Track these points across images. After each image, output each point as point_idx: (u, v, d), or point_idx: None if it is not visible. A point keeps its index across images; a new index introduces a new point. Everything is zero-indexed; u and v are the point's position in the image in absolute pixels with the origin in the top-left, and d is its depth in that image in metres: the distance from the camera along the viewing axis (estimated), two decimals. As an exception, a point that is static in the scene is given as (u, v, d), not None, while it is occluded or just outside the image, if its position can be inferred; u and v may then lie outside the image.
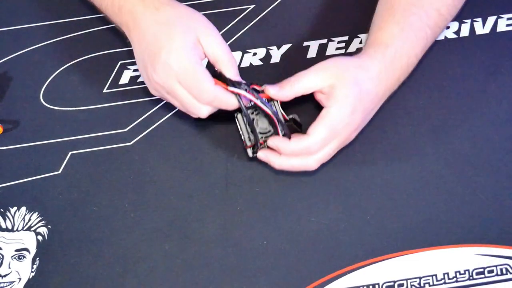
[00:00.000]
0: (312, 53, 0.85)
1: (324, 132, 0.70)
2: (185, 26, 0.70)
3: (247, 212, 0.75)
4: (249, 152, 0.75)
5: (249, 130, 0.74)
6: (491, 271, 0.70)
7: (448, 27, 0.85)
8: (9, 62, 0.87)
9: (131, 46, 0.75)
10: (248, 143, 0.75)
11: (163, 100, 0.81)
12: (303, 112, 0.75)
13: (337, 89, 0.70)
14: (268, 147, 0.74)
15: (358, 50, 0.84)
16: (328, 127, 0.70)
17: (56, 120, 0.81)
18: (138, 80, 0.84)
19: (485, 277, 0.70)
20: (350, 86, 0.70)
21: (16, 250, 0.74)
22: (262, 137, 0.74)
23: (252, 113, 0.74)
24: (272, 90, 0.71)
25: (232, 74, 0.71)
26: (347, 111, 0.70)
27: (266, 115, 0.73)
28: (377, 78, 0.72)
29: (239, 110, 0.73)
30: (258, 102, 0.71)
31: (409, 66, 0.76)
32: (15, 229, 0.75)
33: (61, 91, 0.84)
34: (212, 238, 0.73)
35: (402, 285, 0.70)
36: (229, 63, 0.71)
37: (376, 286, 0.70)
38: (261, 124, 0.74)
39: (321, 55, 0.85)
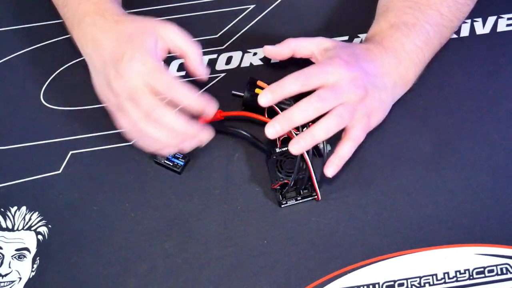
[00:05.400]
0: (312, 53, 0.85)
1: (327, 61, 0.72)
2: (143, 31, 0.72)
3: (247, 212, 0.75)
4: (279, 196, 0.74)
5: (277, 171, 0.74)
6: (491, 271, 0.70)
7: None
8: (9, 62, 0.87)
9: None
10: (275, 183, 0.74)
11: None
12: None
13: (331, 49, 0.75)
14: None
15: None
16: (331, 58, 0.72)
17: (56, 120, 0.81)
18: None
19: (485, 276, 0.70)
20: (343, 47, 0.75)
21: (17, 250, 0.74)
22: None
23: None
24: (272, 48, 0.78)
25: (198, 61, 0.73)
26: (342, 60, 0.72)
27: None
28: (371, 51, 0.75)
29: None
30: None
31: (409, 53, 0.75)
32: (15, 228, 0.75)
33: (61, 91, 0.84)
34: (212, 238, 0.73)
35: (402, 284, 0.70)
36: (192, 49, 0.73)
37: (376, 286, 0.70)
38: (288, 165, 0.74)
39: (321, 55, 0.85)
